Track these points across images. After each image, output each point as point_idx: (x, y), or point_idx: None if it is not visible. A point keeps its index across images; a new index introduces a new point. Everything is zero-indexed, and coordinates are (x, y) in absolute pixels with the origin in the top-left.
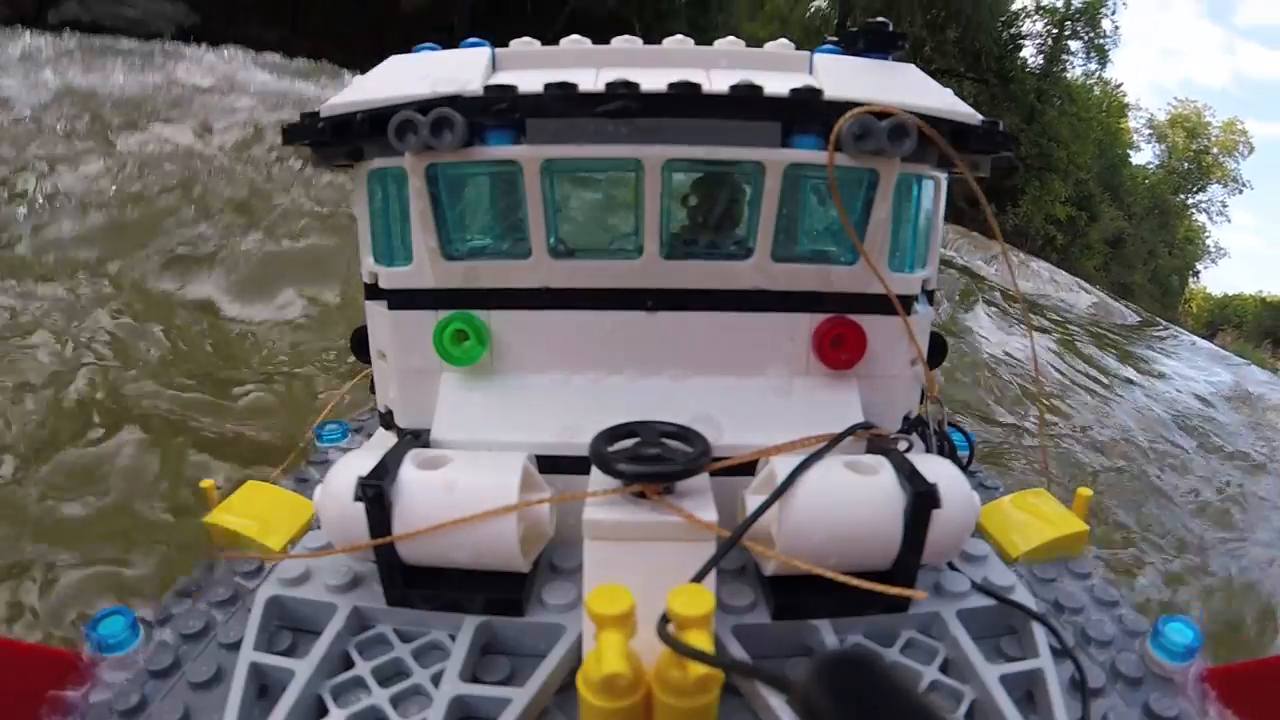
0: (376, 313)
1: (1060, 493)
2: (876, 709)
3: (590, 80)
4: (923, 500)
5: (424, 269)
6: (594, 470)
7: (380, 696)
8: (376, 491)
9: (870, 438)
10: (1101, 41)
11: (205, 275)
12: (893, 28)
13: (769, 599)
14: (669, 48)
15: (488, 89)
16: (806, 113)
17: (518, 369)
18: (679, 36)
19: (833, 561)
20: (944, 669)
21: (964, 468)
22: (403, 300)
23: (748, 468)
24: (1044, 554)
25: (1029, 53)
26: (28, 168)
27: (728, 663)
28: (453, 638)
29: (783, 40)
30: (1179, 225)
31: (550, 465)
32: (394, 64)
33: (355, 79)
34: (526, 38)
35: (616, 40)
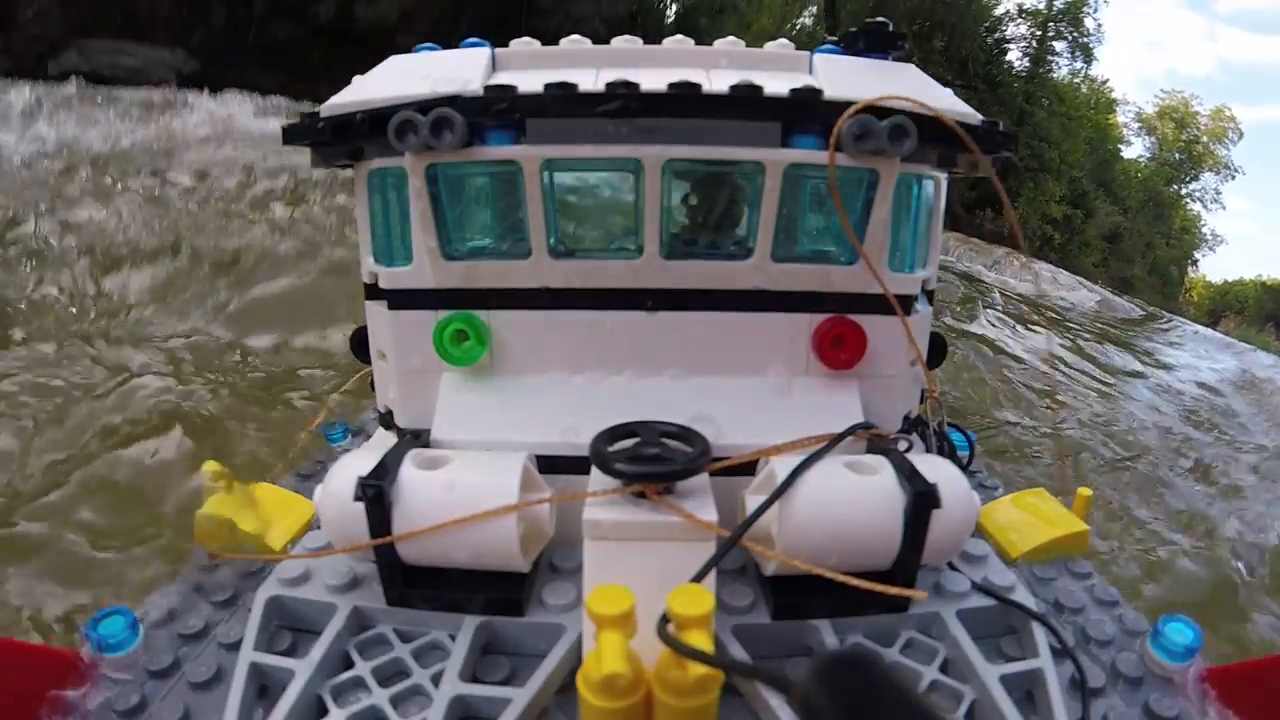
0: (376, 313)
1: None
2: (876, 709)
3: (590, 80)
4: (923, 500)
5: (424, 269)
6: (594, 470)
7: (380, 696)
8: (376, 491)
9: (870, 438)
10: (1085, 40)
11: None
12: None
13: (769, 599)
14: (669, 48)
15: (488, 89)
16: (806, 113)
17: (518, 369)
18: (679, 37)
19: (833, 561)
20: (944, 669)
21: (964, 468)
22: (403, 300)
23: (748, 468)
24: (1044, 554)
25: (1014, 56)
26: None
27: (727, 663)
28: (453, 638)
29: (783, 40)
30: (1174, 216)
31: (550, 465)
32: (394, 64)
33: (355, 79)
34: (526, 38)
35: (616, 40)
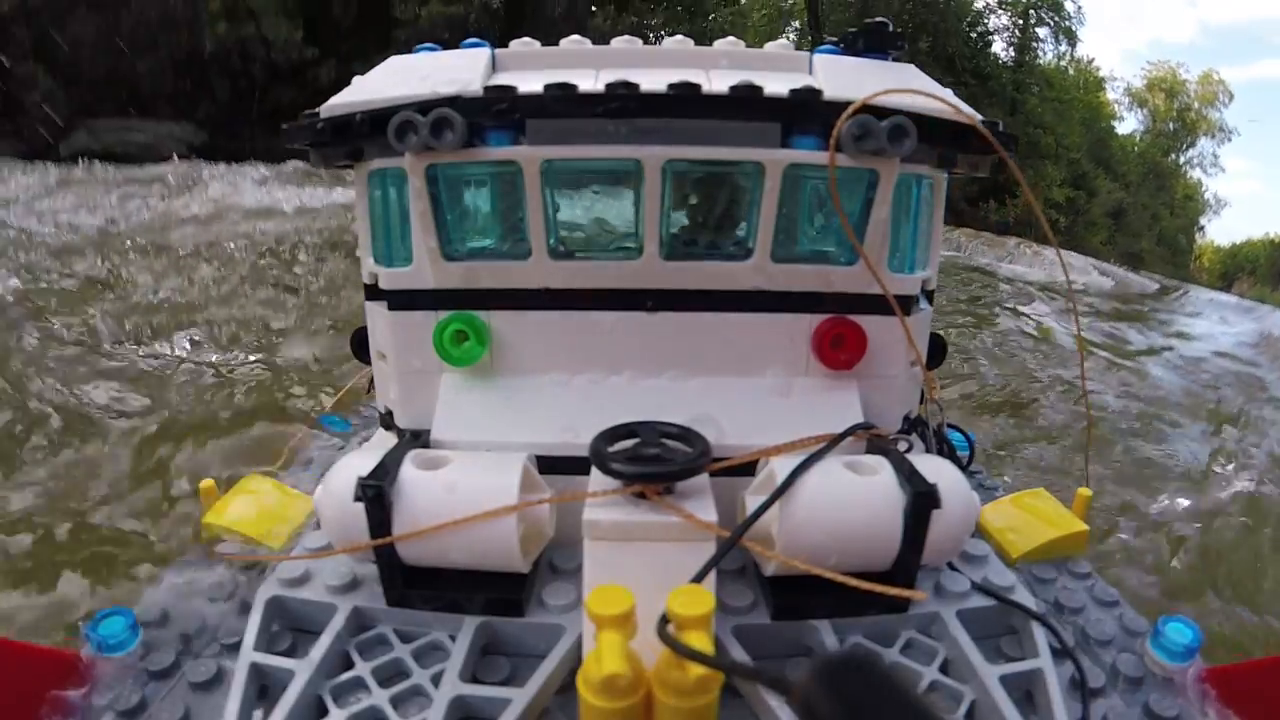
0: (376, 313)
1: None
2: (876, 710)
3: (590, 81)
4: (923, 500)
5: (424, 269)
6: (594, 470)
7: (380, 697)
8: (376, 492)
9: (870, 438)
10: (1067, 23)
11: None
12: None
13: (769, 599)
14: (669, 48)
15: (488, 89)
16: (806, 113)
17: (518, 369)
18: (679, 37)
19: (832, 562)
20: (944, 669)
21: (964, 468)
22: (403, 301)
23: (748, 468)
24: (1044, 554)
25: (999, 47)
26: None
27: (727, 664)
28: (453, 638)
29: (783, 41)
30: (1175, 185)
31: (550, 466)
32: (394, 64)
33: (355, 79)
34: (526, 38)
35: (616, 41)
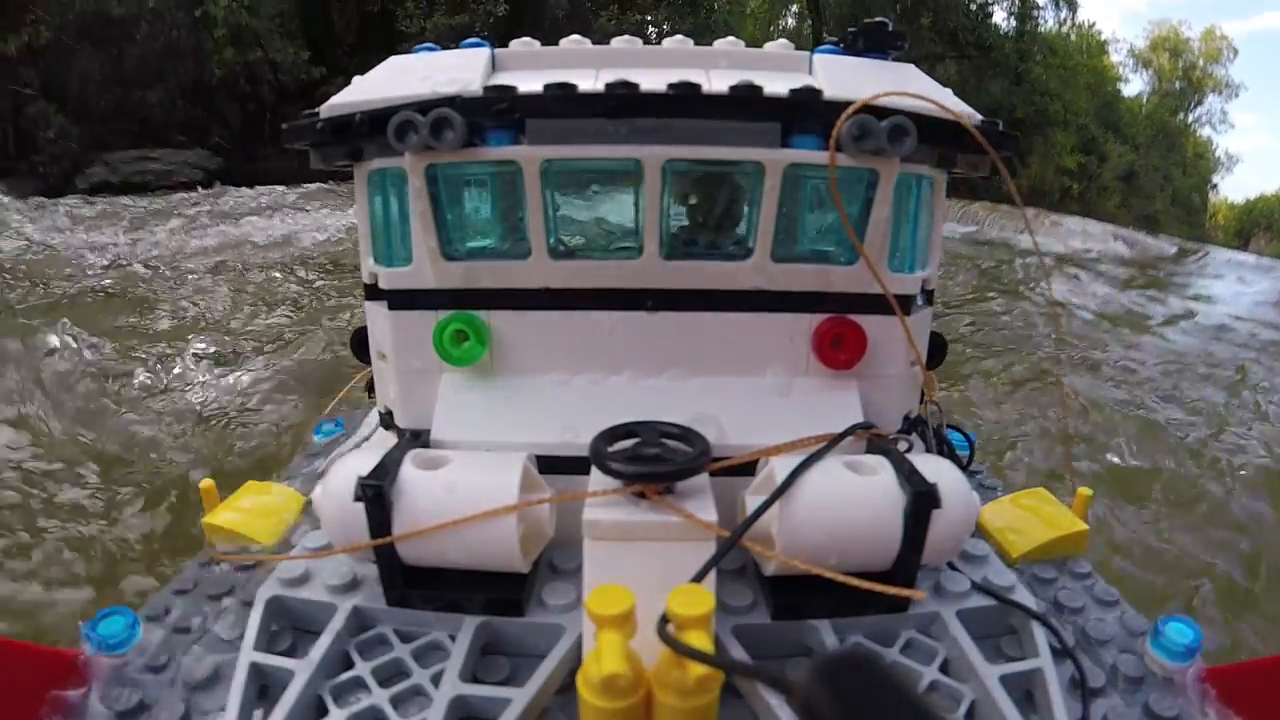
0: (376, 313)
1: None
2: (877, 710)
3: (590, 80)
4: (923, 500)
5: (424, 269)
6: (594, 470)
7: (380, 697)
8: (376, 491)
9: (870, 438)
10: None
11: None
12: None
13: (769, 599)
14: (669, 48)
15: (487, 89)
16: (806, 113)
17: (518, 369)
18: (679, 37)
19: (833, 562)
20: (944, 669)
21: (964, 468)
22: (403, 301)
23: (748, 468)
24: (1044, 554)
25: (1000, 18)
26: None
27: (728, 663)
28: (453, 638)
29: (782, 40)
30: (1186, 144)
31: (550, 465)
32: (394, 64)
33: (355, 79)
34: (526, 38)
35: (616, 40)
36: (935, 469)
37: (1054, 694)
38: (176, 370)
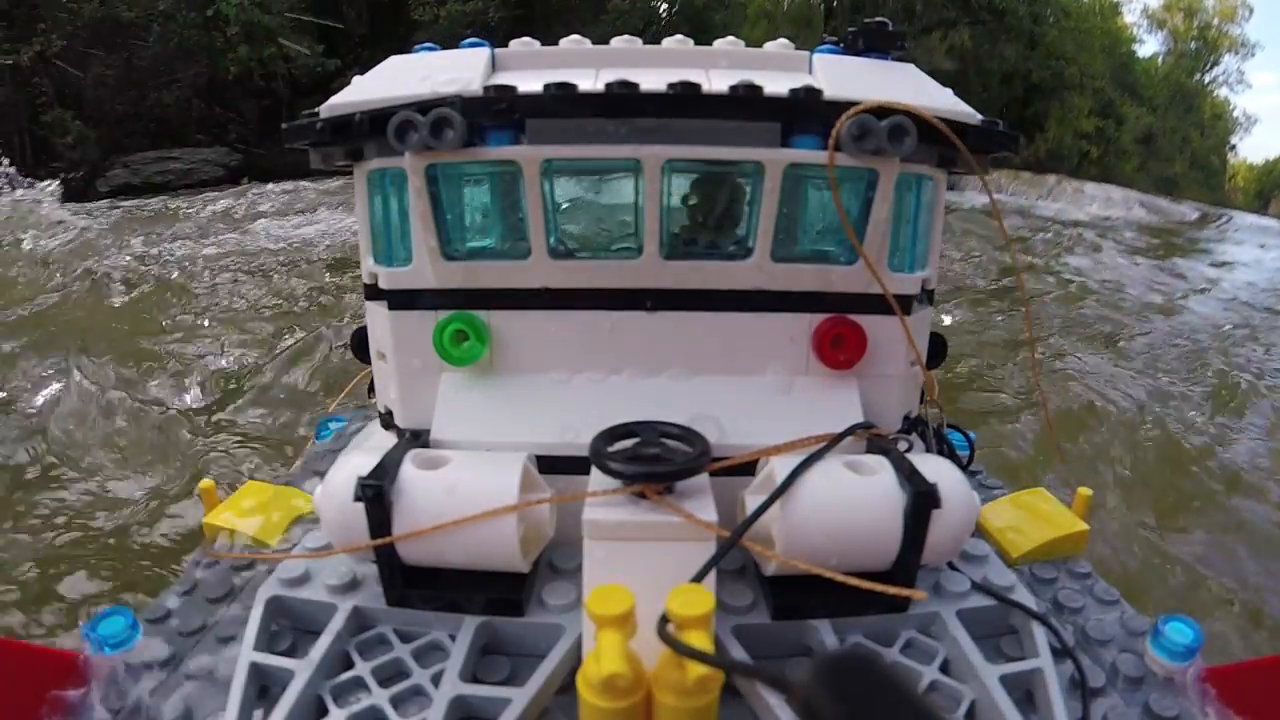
0: (376, 313)
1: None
2: (877, 709)
3: (590, 80)
4: (923, 500)
5: (424, 269)
6: (594, 470)
7: (380, 697)
8: (376, 491)
9: (870, 437)
10: None
11: None
12: None
13: (769, 599)
14: (669, 48)
15: (487, 89)
16: (806, 113)
17: (518, 369)
18: (679, 37)
19: (833, 561)
20: (944, 669)
21: (964, 468)
22: (403, 300)
23: (748, 468)
24: (1044, 554)
25: None
26: None
27: (728, 663)
28: (453, 638)
29: (782, 40)
30: (1203, 105)
31: (550, 465)
32: (393, 64)
33: (355, 79)
34: (526, 38)
35: (616, 40)
36: (935, 469)
37: (1054, 694)
38: None
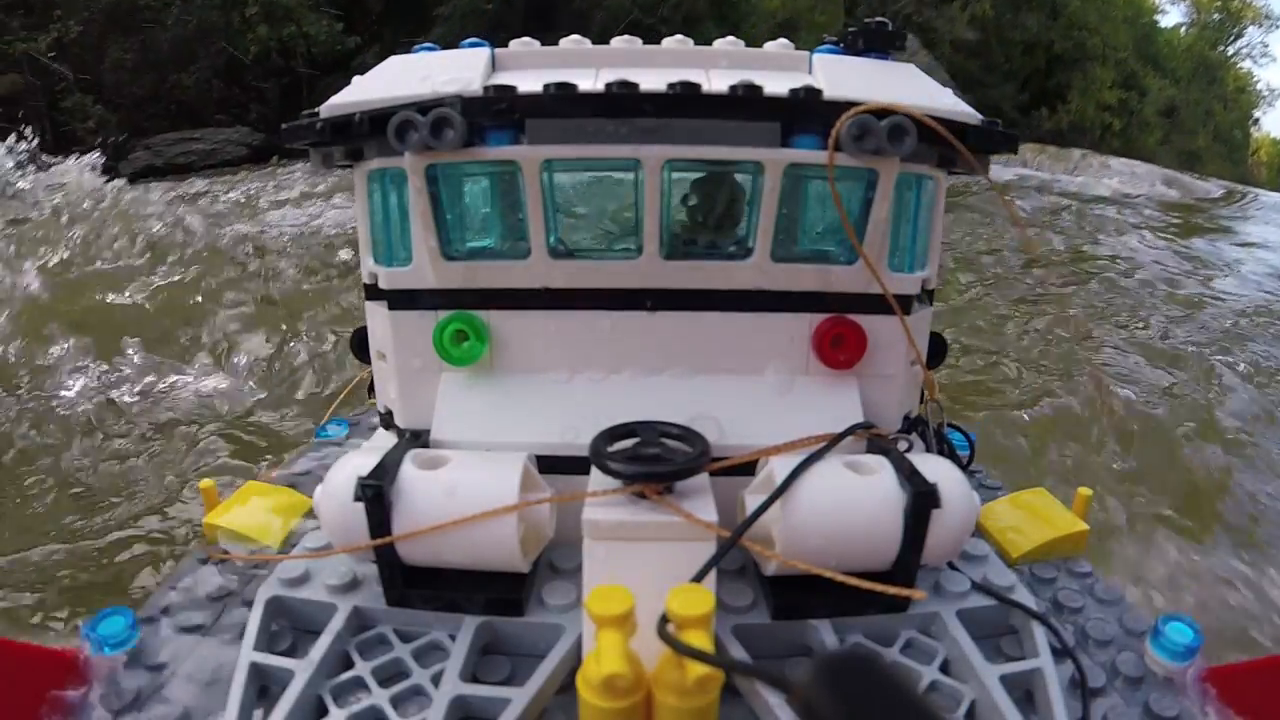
0: (376, 313)
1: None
2: (877, 709)
3: (590, 80)
4: (923, 500)
5: (424, 269)
6: (594, 470)
7: (380, 696)
8: (376, 491)
9: (870, 437)
10: None
11: None
12: None
13: (769, 599)
14: (668, 48)
15: (487, 89)
16: (806, 113)
17: (517, 369)
18: (679, 37)
19: (833, 561)
20: (944, 669)
21: (964, 468)
22: (403, 300)
23: (748, 468)
24: (1044, 554)
25: None
26: None
27: (728, 663)
28: (453, 638)
29: (782, 40)
30: (1226, 78)
31: (550, 465)
32: (393, 64)
33: (355, 79)
34: (526, 38)
35: (616, 40)
36: (935, 469)
37: (1054, 694)
38: None
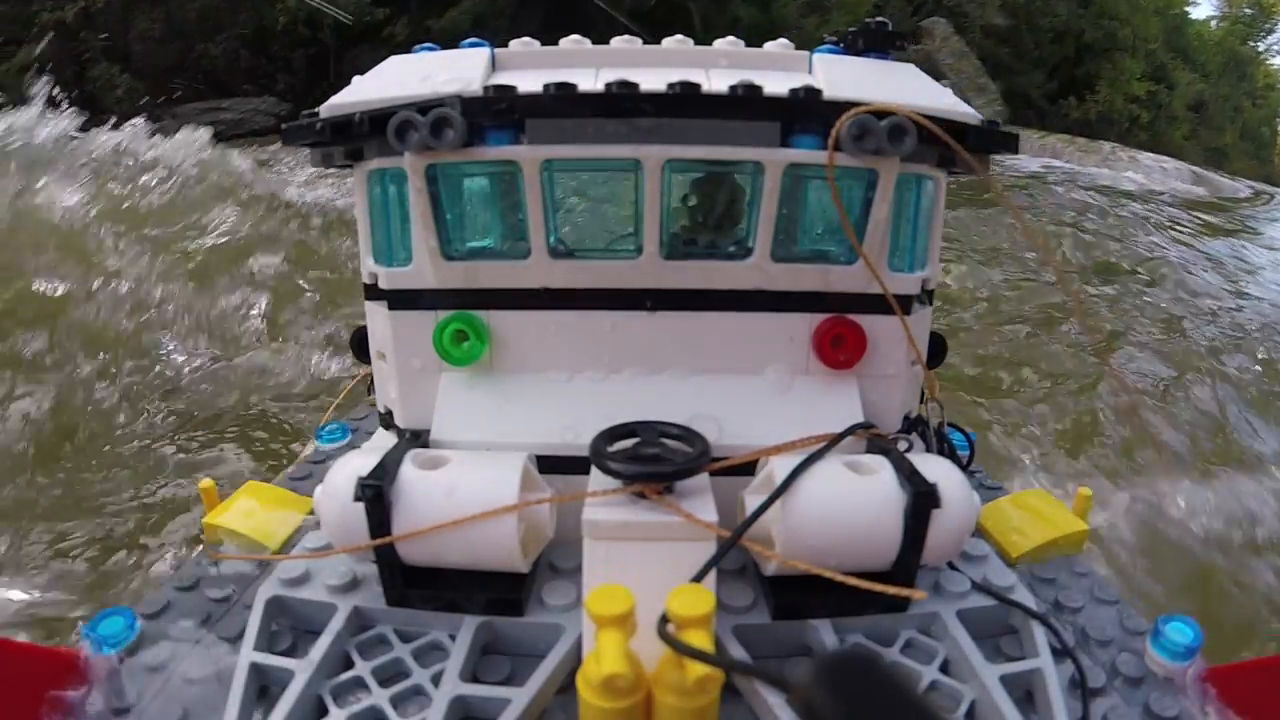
0: (376, 313)
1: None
2: (877, 709)
3: (590, 80)
4: (923, 500)
5: (424, 269)
6: (594, 470)
7: (380, 696)
8: (376, 491)
9: (870, 437)
10: None
11: None
12: None
13: (769, 599)
14: (668, 48)
15: (487, 89)
16: (806, 113)
17: (517, 369)
18: (679, 37)
19: (833, 561)
20: (944, 669)
21: (964, 468)
22: (403, 300)
23: (748, 468)
24: (1044, 554)
25: None
26: None
27: (728, 663)
28: (453, 638)
29: (782, 40)
30: (1256, 74)
31: (550, 465)
32: (393, 64)
33: (355, 79)
34: (526, 38)
35: (616, 40)
36: (935, 469)
37: (1054, 694)
38: None
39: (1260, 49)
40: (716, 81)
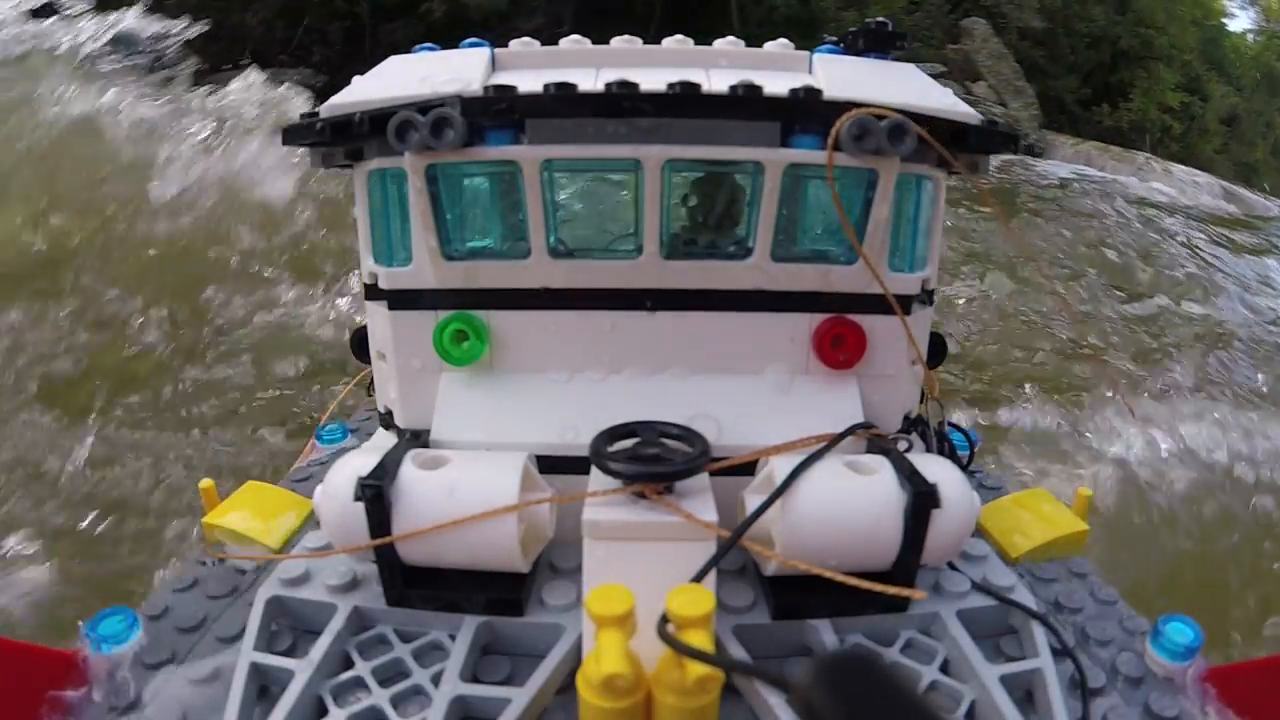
0: (376, 313)
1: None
2: (877, 709)
3: (590, 80)
4: (923, 500)
5: (424, 269)
6: (594, 470)
7: (380, 696)
8: (376, 491)
9: (870, 437)
10: None
11: None
12: None
13: (769, 599)
14: (669, 48)
15: (487, 89)
16: (806, 113)
17: (518, 369)
18: (679, 37)
19: (833, 561)
20: (944, 669)
21: (964, 468)
22: (403, 300)
23: (748, 468)
24: (1044, 554)
25: None
26: None
27: (728, 663)
28: (453, 638)
29: (782, 40)
30: None
31: (550, 465)
32: (393, 64)
33: (355, 79)
34: (526, 38)
35: (616, 40)
36: (935, 469)
37: (1054, 694)
38: None
39: None
40: (716, 81)
